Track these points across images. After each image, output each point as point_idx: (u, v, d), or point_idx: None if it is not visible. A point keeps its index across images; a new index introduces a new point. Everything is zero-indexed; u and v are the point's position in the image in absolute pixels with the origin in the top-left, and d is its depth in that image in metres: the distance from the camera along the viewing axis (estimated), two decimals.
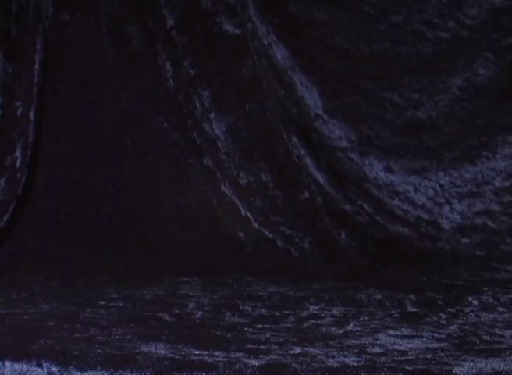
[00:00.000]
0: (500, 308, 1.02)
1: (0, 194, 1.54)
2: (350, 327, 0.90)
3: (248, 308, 1.03)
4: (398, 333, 0.86)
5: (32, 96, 1.55)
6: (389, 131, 1.54)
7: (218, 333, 0.87)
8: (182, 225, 1.47)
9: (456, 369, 0.68)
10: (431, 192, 1.52)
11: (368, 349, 0.78)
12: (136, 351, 0.77)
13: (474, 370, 0.68)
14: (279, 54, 1.57)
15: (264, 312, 1.01)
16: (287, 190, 1.48)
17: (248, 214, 1.46)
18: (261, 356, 0.75)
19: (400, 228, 1.50)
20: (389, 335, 0.85)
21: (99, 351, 0.77)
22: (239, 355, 0.75)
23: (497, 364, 0.70)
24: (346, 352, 0.76)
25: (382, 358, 0.73)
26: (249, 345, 0.80)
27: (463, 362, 0.71)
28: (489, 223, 1.49)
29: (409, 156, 1.53)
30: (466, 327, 0.89)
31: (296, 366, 0.71)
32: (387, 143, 1.54)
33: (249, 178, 1.48)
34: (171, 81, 1.59)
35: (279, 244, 1.44)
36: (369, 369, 0.70)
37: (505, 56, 1.50)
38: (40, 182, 1.55)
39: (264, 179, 1.47)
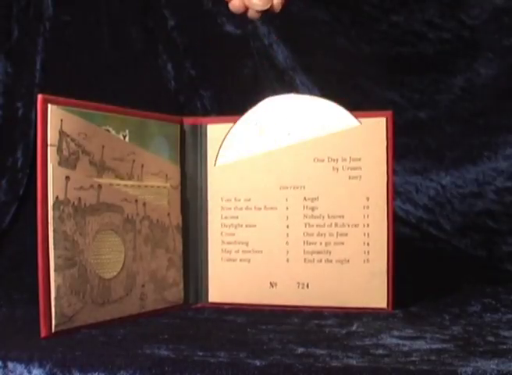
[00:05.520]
0: (503, 309, 1.02)
1: (1, 195, 1.54)
2: (353, 328, 0.90)
3: (251, 308, 1.03)
4: (402, 334, 0.86)
5: (33, 97, 1.55)
6: None
7: (220, 333, 0.87)
8: None
9: (461, 370, 0.68)
10: (432, 192, 1.52)
11: (371, 350, 0.77)
12: (139, 351, 0.77)
13: (479, 371, 0.68)
14: (280, 54, 1.57)
15: (266, 312, 1.01)
16: None
17: None
18: (264, 357, 0.75)
19: (402, 228, 1.49)
20: (393, 336, 0.85)
21: (101, 351, 0.77)
22: (242, 355, 0.75)
23: (503, 365, 0.70)
24: (349, 353, 0.76)
25: (386, 360, 0.73)
26: (252, 346, 0.80)
27: (468, 363, 0.71)
28: (491, 223, 1.49)
29: (410, 156, 1.53)
30: (469, 328, 0.89)
31: (300, 366, 0.71)
32: None
33: None
34: (172, 82, 1.59)
35: None
36: (373, 371, 0.70)
37: (506, 56, 1.50)
38: None
39: None
